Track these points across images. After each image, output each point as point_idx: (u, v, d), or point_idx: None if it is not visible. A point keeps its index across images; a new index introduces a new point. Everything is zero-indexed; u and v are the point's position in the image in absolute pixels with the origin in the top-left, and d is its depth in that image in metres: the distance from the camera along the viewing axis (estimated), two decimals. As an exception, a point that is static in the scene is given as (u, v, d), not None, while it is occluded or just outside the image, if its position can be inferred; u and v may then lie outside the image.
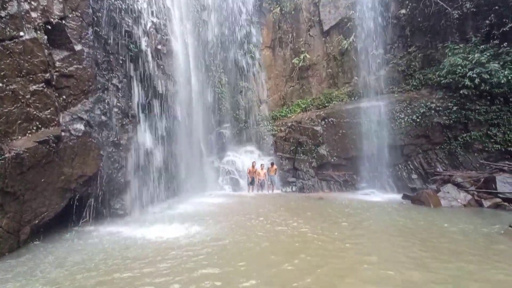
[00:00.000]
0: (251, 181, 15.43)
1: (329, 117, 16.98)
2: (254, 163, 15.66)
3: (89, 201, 7.78)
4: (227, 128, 17.69)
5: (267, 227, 7.48)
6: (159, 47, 11.07)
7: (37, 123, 6.22)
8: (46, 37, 6.67)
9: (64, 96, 7.10)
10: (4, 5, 5.88)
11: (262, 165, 15.77)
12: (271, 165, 15.80)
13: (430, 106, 15.14)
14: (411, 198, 12.03)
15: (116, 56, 9.22)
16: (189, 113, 14.00)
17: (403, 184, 15.39)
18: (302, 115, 18.01)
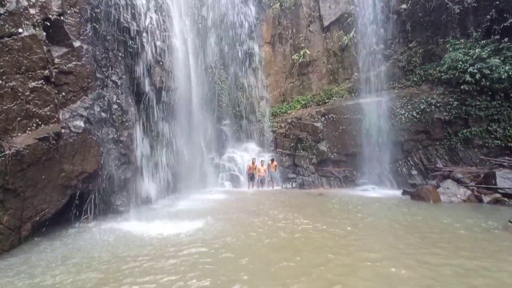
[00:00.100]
0: (251, 178, 15.45)
1: (329, 113, 16.96)
2: (254, 160, 15.67)
3: (90, 198, 7.80)
4: (227, 125, 17.68)
5: (269, 224, 7.50)
6: (158, 43, 11.01)
7: (37, 120, 6.21)
8: (45, 34, 6.64)
9: (64, 93, 7.08)
10: (3, 2, 5.84)
11: (262, 162, 15.78)
12: (271, 162, 15.82)
13: (431, 102, 15.11)
14: (411, 194, 12.05)
15: (115, 53, 9.17)
16: (189, 110, 13.98)
17: (403, 180, 15.41)
18: (302, 112, 17.98)
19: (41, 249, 5.68)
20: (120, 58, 9.35)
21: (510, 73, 13.17)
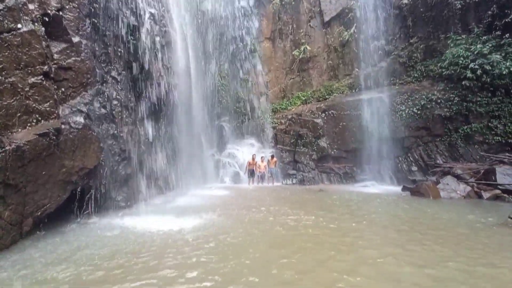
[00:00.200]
0: (251, 174, 15.46)
1: (330, 110, 16.93)
2: (254, 156, 15.67)
3: (91, 193, 7.80)
4: (227, 121, 17.66)
5: (269, 220, 7.51)
6: (158, 39, 10.94)
7: (37, 116, 6.18)
8: (44, 29, 6.58)
9: (63, 89, 7.04)
10: (1, -3, 5.79)
11: (262, 158, 15.79)
12: (271, 158, 15.82)
13: (431, 98, 15.08)
14: (411, 190, 12.08)
15: (114, 48, 9.11)
16: (189, 106, 13.93)
17: (403, 176, 15.44)
18: (303, 108, 17.95)
19: (42, 245, 5.69)
20: (120, 54, 9.29)
21: (511, 69, 13.13)
